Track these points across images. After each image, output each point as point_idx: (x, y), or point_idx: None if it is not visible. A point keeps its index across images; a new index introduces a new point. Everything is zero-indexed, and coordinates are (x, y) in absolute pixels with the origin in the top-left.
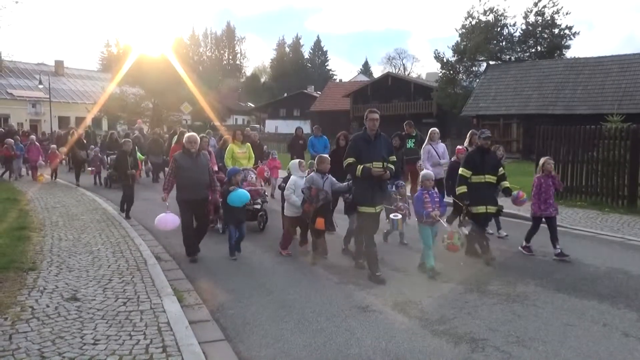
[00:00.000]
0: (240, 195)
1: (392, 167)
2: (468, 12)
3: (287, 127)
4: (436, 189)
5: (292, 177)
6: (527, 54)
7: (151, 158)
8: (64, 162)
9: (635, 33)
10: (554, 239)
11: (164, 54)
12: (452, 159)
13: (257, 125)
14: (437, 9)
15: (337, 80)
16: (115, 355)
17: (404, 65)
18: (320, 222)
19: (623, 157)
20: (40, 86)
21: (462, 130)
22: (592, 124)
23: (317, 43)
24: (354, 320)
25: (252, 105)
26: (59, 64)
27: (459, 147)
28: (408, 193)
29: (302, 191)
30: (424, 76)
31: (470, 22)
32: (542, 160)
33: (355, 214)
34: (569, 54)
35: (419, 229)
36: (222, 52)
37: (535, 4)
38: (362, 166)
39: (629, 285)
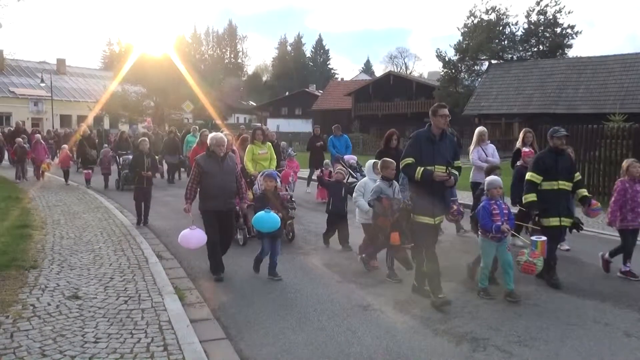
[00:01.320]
0: (269, 219)
1: (457, 173)
2: (470, 11)
3: (288, 126)
4: (504, 200)
5: (364, 178)
6: (529, 53)
7: (167, 158)
8: (71, 162)
9: (637, 32)
10: (628, 255)
11: (166, 53)
12: (518, 164)
13: (259, 124)
14: (438, 7)
15: (339, 79)
16: (116, 353)
17: (405, 64)
18: (394, 237)
19: (625, 156)
20: (42, 84)
21: (463, 129)
22: (595, 123)
23: (319, 42)
24: (355, 319)
25: (254, 104)
26: (60, 62)
27: (524, 149)
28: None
29: (370, 204)
30: (425, 75)
31: (472, 21)
32: (626, 163)
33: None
34: (571, 53)
35: (480, 245)
36: (223, 50)
37: (538, 3)
38: (422, 168)
39: (630, 285)
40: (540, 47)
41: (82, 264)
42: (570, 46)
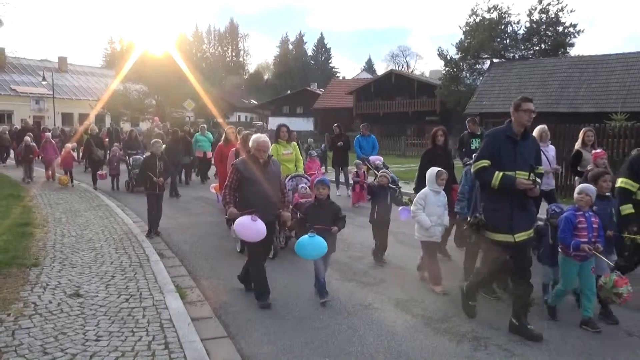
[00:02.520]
0: (316, 246)
1: (540, 180)
2: (472, 10)
3: (290, 124)
4: (593, 211)
5: (424, 189)
6: (531, 52)
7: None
8: (76, 162)
9: (638, 32)
10: None
11: (167, 51)
12: (589, 168)
13: (260, 123)
14: (439, 6)
15: (341, 78)
16: (117, 351)
17: (407, 62)
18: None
19: (627, 155)
20: (44, 82)
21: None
22: (596, 122)
23: (321, 40)
24: (356, 318)
25: (255, 103)
26: (62, 60)
27: (596, 151)
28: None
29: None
30: (427, 74)
31: (474, 20)
32: None
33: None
34: (573, 52)
35: (560, 263)
36: (225, 49)
37: (540, 2)
38: (501, 174)
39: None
40: (542, 45)
41: (83, 262)
42: (572, 45)
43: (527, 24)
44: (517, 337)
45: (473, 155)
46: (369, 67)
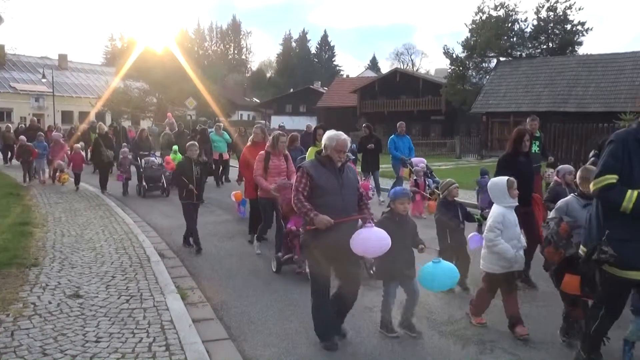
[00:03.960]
0: (448, 273)
1: None
2: (478, 7)
3: (293, 123)
4: None
5: (496, 207)
6: (539, 50)
7: None
8: (85, 163)
9: None
10: None
11: (169, 48)
12: None
13: (263, 121)
14: (443, 3)
15: (344, 76)
16: (117, 353)
17: (412, 60)
18: (572, 282)
19: None
20: (44, 80)
21: (470, 127)
22: (605, 122)
23: (324, 38)
24: (361, 320)
25: (258, 101)
26: (62, 57)
27: None
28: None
29: (547, 223)
30: (432, 72)
31: (481, 17)
32: None
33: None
34: (582, 50)
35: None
36: (227, 46)
37: None
38: (636, 193)
39: None
40: (550, 44)
41: (83, 262)
42: (580, 43)
43: (535, 22)
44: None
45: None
46: (373, 65)
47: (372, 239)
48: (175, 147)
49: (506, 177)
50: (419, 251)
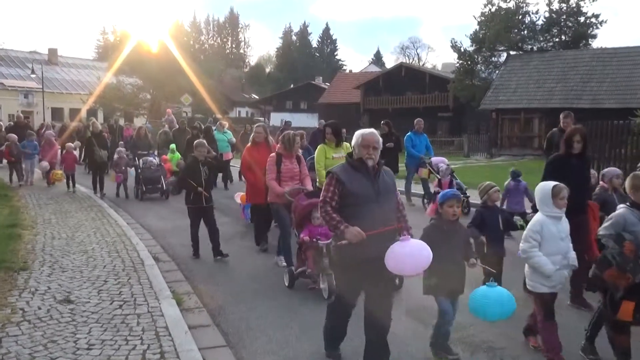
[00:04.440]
0: (505, 300)
1: None
2: None
3: (293, 120)
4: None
5: (537, 215)
6: (551, 44)
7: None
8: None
9: None
10: None
11: (163, 42)
12: None
13: (262, 119)
14: None
15: (347, 71)
16: None
17: (418, 55)
18: (628, 309)
19: None
20: (33, 75)
21: (479, 124)
22: (621, 118)
23: (326, 31)
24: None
25: (257, 97)
26: (52, 52)
27: None
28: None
29: (601, 240)
30: (439, 67)
31: (490, 9)
32: None
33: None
34: (596, 43)
35: None
36: (224, 40)
37: None
38: None
39: None
40: (563, 37)
41: (74, 265)
42: (594, 36)
43: (546, 14)
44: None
45: None
46: (378, 59)
47: (407, 255)
48: (172, 146)
49: (554, 183)
50: (469, 266)
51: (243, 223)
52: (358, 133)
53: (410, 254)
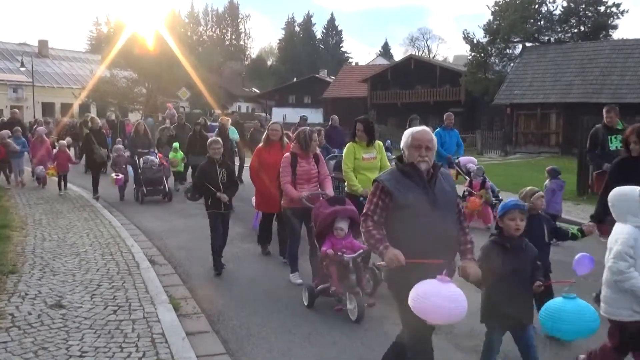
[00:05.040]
0: (585, 315)
1: None
2: None
3: (296, 115)
4: None
5: (624, 227)
6: (569, 35)
7: (192, 159)
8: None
9: None
10: None
11: (159, 34)
12: None
13: (263, 114)
14: None
15: (353, 64)
16: None
17: (428, 47)
18: None
19: None
20: (23, 69)
21: (493, 120)
22: None
23: (331, 21)
24: (372, 333)
25: (258, 91)
26: (43, 44)
27: None
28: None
29: None
30: (451, 59)
31: None
32: None
33: None
34: (616, 34)
35: None
36: (224, 31)
37: None
38: None
39: None
40: (582, 27)
41: (66, 269)
42: (615, 27)
43: (564, 4)
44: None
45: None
46: (385, 51)
47: (437, 303)
48: (176, 145)
49: (638, 188)
50: (535, 289)
51: (244, 224)
52: (407, 132)
53: (440, 304)
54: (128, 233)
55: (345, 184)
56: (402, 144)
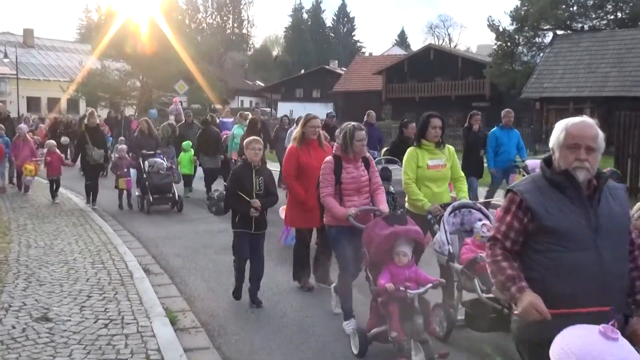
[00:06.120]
0: None
1: None
2: None
3: (304, 111)
4: None
5: None
6: (604, 22)
7: (203, 160)
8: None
9: None
10: None
11: (155, 20)
12: None
13: (268, 109)
14: None
15: (367, 54)
16: None
17: (449, 35)
18: None
19: None
20: (6, 60)
21: (521, 116)
22: None
23: (342, 8)
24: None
25: (262, 85)
26: (28, 32)
27: None
28: None
29: None
30: (474, 49)
31: None
32: None
33: None
34: None
35: None
36: (225, 19)
37: None
38: None
39: None
40: (619, 14)
41: (53, 278)
42: None
43: None
44: None
45: None
46: (402, 40)
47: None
48: (187, 143)
49: None
50: None
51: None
52: (560, 125)
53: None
54: (121, 239)
55: (406, 198)
56: (551, 142)
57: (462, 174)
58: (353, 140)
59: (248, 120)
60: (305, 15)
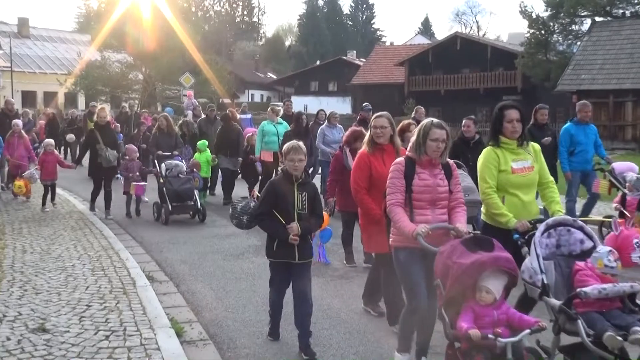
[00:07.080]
0: None
1: None
2: None
3: (319, 105)
4: None
5: None
6: None
7: (222, 161)
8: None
9: None
10: None
11: (158, 8)
12: None
13: (280, 103)
14: None
15: (387, 44)
16: None
17: (477, 23)
18: None
19: None
20: (0, 51)
21: (556, 111)
22: None
23: None
24: None
25: (274, 77)
26: (23, 22)
27: None
28: None
29: None
30: (504, 38)
31: None
32: None
33: None
34: None
35: None
36: (234, 6)
37: None
38: None
39: None
40: None
41: (50, 286)
42: None
43: None
44: None
45: None
46: (426, 29)
47: None
48: (202, 143)
49: None
50: None
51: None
52: None
53: None
54: (122, 244)
55: (482, 209)
56: None
57: (552, 179)
58: (427, 140)
59: (293, 115)
60: (320, 2)
